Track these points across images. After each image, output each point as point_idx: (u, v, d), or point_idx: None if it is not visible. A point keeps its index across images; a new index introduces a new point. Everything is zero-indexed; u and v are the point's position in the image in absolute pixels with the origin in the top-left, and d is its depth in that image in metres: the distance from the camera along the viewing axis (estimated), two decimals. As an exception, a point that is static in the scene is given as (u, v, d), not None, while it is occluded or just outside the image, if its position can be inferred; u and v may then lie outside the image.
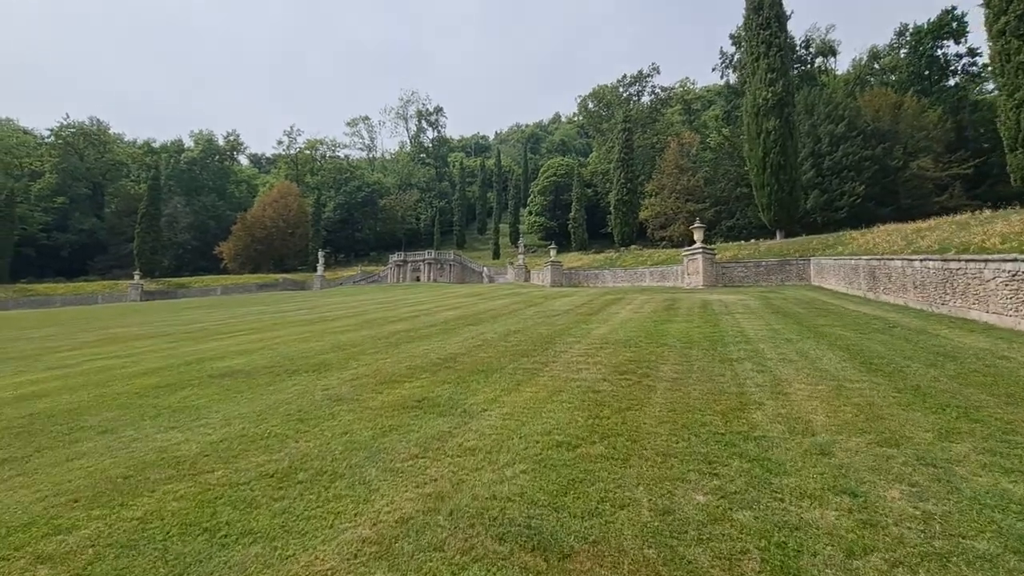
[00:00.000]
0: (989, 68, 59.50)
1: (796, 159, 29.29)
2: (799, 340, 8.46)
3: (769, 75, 28.14)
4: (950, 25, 57.68)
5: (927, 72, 59.20)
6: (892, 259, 12.93)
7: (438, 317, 16.22)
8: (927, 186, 45.55)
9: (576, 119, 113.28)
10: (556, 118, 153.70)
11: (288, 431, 4.94)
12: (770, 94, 27.79)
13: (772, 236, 35.66)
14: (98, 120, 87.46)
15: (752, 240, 30.25)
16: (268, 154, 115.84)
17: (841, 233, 23.86)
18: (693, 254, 23.87)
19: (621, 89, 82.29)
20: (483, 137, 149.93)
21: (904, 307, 11.98)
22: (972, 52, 58.30)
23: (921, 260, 11.35)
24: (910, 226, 17.19)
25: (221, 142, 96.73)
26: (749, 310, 13.28)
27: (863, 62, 71.20)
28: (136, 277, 52.34)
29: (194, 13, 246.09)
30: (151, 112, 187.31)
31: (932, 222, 16.38)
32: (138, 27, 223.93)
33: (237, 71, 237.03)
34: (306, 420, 5.29)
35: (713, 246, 26.15)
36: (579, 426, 4.59)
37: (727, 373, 6.34)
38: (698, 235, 24.33)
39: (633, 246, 48.28)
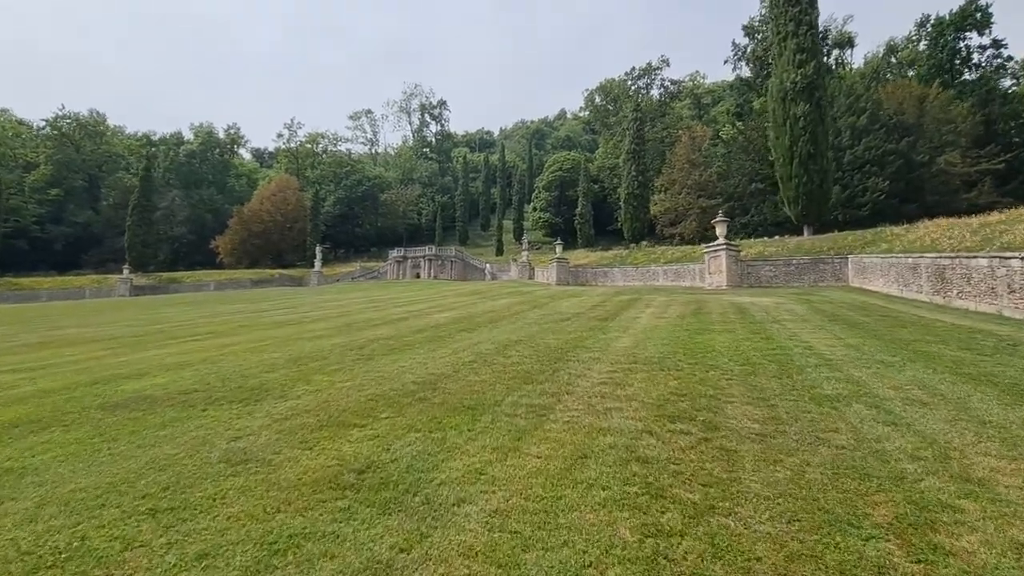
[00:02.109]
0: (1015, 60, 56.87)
1: (827, 148, 26.88)
2: (903, 365, 6.25)
3: (798, 55, 25.72)
4: (974, 16, 55.25)
5: (948, 65, 56.71)
6: (973, 257, 10.70)
7: (429, 320, 14.10)
8: (954, 182, 43.18)
9: (582, 115, 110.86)
10: (562, 114, 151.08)
11: (111, 544, 2.80)
12: (799, 76, 25.39)
13: (796, 233, 33.30)
14: (97, 111, 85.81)
15: (776, 237, 27.93)
16: (271, 149, 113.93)
17: (879, 229, 21.57)
18: (716, 251, 21.61)
19: (629, 82, 79.85)
20: (487, 132, 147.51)
21: (997, 316, 9.75)
22: (997, 44, 55.80)
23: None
24: (973, 220, 14.92)
25: (221, 135, 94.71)
26: (799, 317, 11.06)
27: (880, 55, 68.81)
28: (125, 271, 50.40)
29: (199, 8, 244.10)
30: (155, 107, 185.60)
31: (1002, 215, 14.12)
32: (141, 23, 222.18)
33: (244, 67, 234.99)
34: (163, 513, 3.14)
35: (738, 243, 23.87)
36: (630, 557, 2.44)
37: (839, 425, 4.15)
38: (720, 230, 22.05)
39: (644, 243, 46.01)
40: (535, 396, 5.57)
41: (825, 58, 62.36)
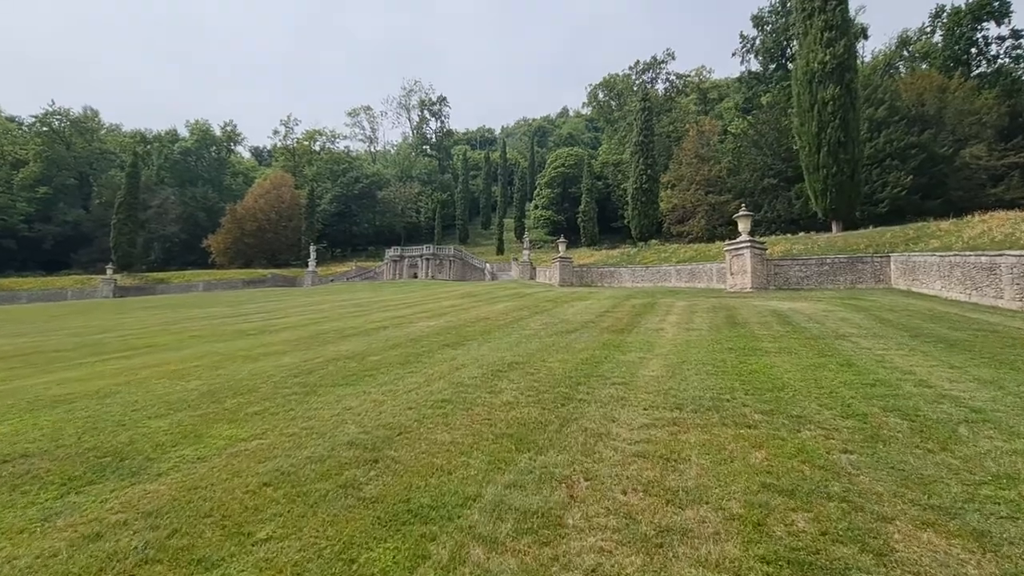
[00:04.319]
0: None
1: (859, 135, 24.46)
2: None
3: (826, 34, 23.32)
4: (991, 5, 53.09)
5: (965, 57, 54.53)
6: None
7: (411, 330, 11.91)
8: (980, 176, 40.95)
9: (584, 112, 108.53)
10: (564, 112, 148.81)
11: None
12: (828, 56, 22.99)
13: (813, 229, 30.97)
14: (90, 108, 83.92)
15: (801, 233, 25.59)
16: (269, 147, 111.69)
17: (921, 224, 19.35)
18: (738, 249, 19.32)
19: (633, 76, 77.55)
20: (489, 130, 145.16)
21: None
22: (1016, 34, 53.66)
23: None
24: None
25: (218, 132, 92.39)
26: (867, 331, 8.83)
27: (892, 48, 66.61)
28: (109, 271, 48.26)
29: (201, 7, 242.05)
30: (157, 108, 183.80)
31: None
32: (140, 23, 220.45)
33: (246, 66, 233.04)
34: None
35: (763, 240, 21.54)
36: None
37: None
38: (743, 225, 19.74)
39: (653, 241, 43.76)
40: (532, 484, 3.36)
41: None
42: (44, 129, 77.84)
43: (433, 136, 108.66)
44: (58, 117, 78.91)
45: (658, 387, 5.74)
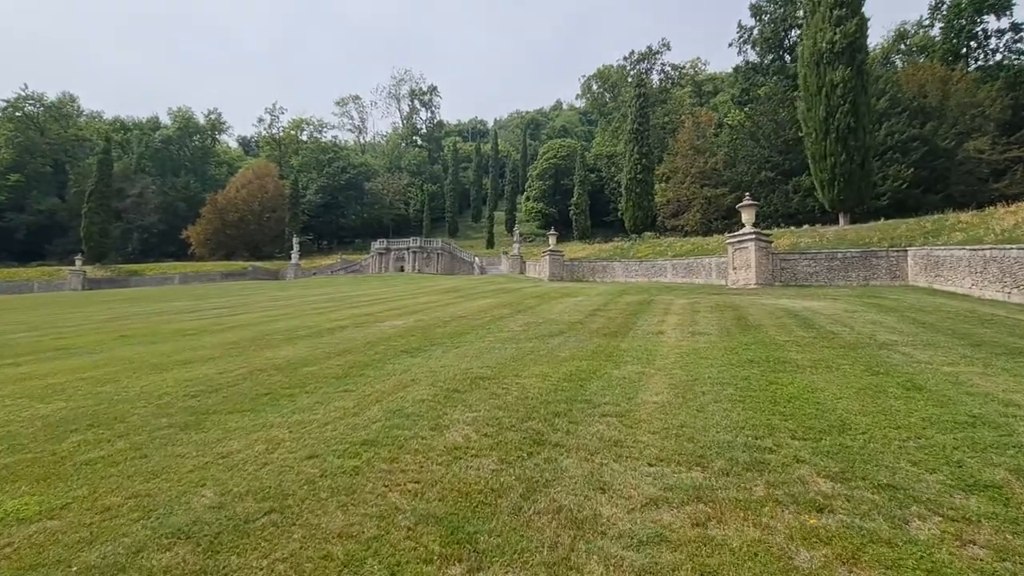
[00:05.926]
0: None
1: (870, 121, 22.93)
2: None
3: (836, 11, 21.71)
4: (993, -4, 51.83)
5: (964, 50, 53.54)
6: None
7: (372, 331, 10.26)
8: (982, 170, 39.89)
9: (578, 104, 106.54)
10: (557, 104, 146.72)
11: None
12: (838, 35, 21.38)
13: (815, 222, 29.58)
14: (69, 94, 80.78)
15: (806, 226, 24.10)
16: (254, 136, 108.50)
17: (938, 216, 17.93)
18: (742, 242, 17.76)
19: (628, 67, 75.74)
20: (481, 122, 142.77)
21: None
22: (1016, 27, 52.65)
23: None
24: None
25: (202, 120, 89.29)
26: (909, 337, 7.29)
27: (890, 42, 65.36)
28: (78, 263, 45.88)
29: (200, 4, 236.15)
30: (145, 99, 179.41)
31: None
32: (126, 8, 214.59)
33: (238, 57, 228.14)
34: None
35: (769, 232, 19.98)
36: None
37: None
38: (747, 216, 18.17)
39: (647, 234, 42.25)
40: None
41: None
42: (17, 114, 74.72)
43: (423, 127, 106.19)
44: (31, 102, 75.80)
45: (666, 422, 4.14)
